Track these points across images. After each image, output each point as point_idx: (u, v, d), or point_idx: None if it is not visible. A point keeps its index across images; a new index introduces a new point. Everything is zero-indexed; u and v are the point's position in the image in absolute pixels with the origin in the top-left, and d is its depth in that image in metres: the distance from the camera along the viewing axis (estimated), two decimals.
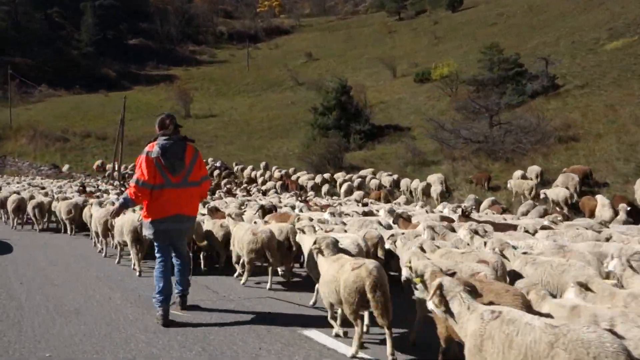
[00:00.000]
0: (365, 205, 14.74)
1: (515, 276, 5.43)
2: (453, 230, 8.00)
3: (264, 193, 23.28)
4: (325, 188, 23.94)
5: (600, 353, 3.03)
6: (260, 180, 28.33)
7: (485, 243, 6.56)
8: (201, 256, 9.26)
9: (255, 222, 8.91)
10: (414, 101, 40.88)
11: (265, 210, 10.94)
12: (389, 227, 8.73)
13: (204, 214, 9.74)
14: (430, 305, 3.94)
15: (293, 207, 11.78)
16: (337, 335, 5.52)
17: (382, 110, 40.56)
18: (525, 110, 25.89)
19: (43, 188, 21.17)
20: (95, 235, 11.16)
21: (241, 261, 8.09)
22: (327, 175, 25.69)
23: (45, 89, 61.40)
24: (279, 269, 8.22)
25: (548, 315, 4.01)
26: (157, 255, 6.25)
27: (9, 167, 40.40)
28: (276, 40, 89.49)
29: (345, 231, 7.74)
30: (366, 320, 5.54)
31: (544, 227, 9.02)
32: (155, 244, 6.24)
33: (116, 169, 33.38)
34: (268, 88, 62.55)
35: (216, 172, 31.22)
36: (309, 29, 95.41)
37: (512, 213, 14.96)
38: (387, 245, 7.17)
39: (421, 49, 63.50)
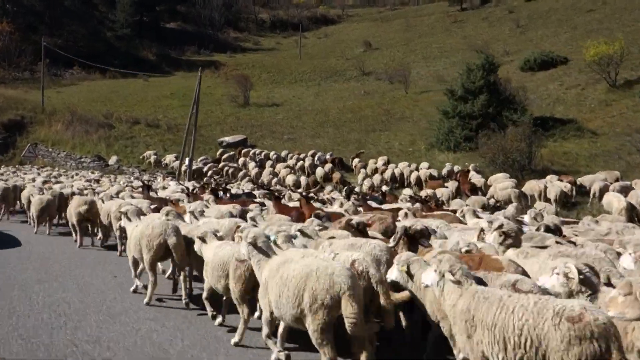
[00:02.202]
0: None
1: None
2: None
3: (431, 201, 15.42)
4: (553, 194, 15.84)
5: None
6: (412, 178, 20.29)
7: None
8: None
9: None
10: (543, 89, 32.91)
11: None
12: None
13: None
14: None
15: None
16: None
17: None
18: None
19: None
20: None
21: None
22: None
23: (77, 71, 53.97)
24: None
25: None
26: None
27: (42, 157, 32.76)
28: (324, 30, 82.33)
29: None
30: None
31: None
32: None
33: (186, 163, 25.66)
34: (329, 77, 55.38)
35: (328, 167, 23.33)
36: (357, 19, 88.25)
37: None
38: None
39: (504, 38, 56.22)
